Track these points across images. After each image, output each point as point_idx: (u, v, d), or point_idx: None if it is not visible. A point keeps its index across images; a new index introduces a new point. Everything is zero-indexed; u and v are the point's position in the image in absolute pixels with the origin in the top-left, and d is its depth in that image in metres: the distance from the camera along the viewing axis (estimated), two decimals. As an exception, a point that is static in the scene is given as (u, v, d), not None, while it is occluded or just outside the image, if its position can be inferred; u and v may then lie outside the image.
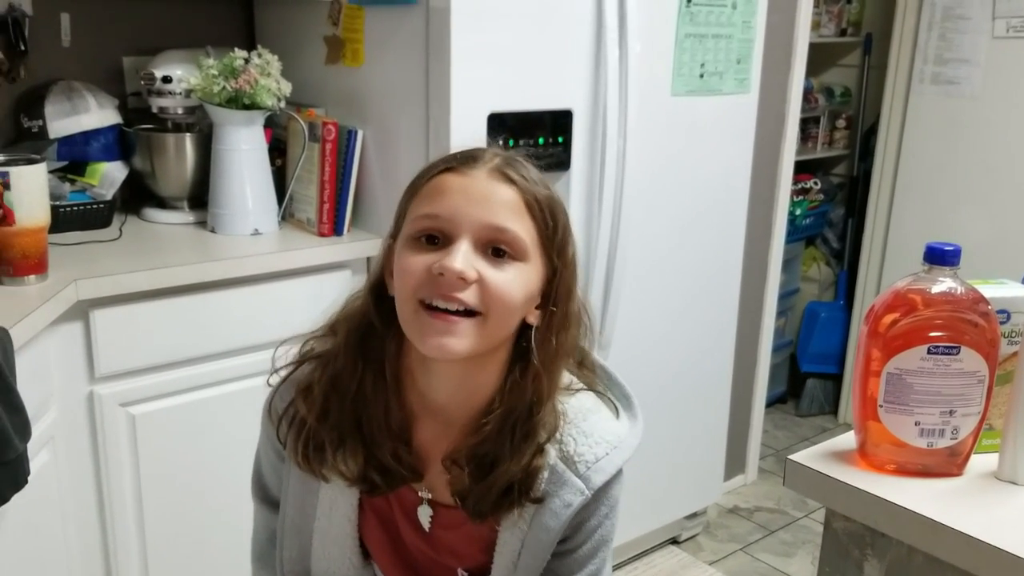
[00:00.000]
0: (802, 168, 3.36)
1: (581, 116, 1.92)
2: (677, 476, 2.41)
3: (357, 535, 1.06)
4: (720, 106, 2.19)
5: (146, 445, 1.69)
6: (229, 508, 1.76)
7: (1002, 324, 0.97)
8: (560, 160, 1.91)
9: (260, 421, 1.09)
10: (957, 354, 0.93)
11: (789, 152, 2.75)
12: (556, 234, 0.95)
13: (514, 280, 0.91)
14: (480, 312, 0.90)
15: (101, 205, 1.91)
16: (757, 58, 2.23)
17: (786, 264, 3.05)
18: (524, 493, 0.97)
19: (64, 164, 1.93)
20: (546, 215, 0.94)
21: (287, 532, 1.07)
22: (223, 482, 1.77)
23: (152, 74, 1.95)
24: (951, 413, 0.95)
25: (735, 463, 2.88)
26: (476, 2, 1.71)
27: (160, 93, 1.97)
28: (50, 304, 1.47)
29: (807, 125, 3.43)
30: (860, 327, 0.99)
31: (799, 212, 3.38)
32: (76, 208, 1.87)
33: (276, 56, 1.88)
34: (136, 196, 2.05)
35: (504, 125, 1.80)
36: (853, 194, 3.58)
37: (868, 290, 3.33)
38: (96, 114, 1.95)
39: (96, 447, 1.64)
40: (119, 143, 2.00)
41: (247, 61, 1.84)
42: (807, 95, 3.26)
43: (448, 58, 1.70)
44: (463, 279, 0.88)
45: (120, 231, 1.89)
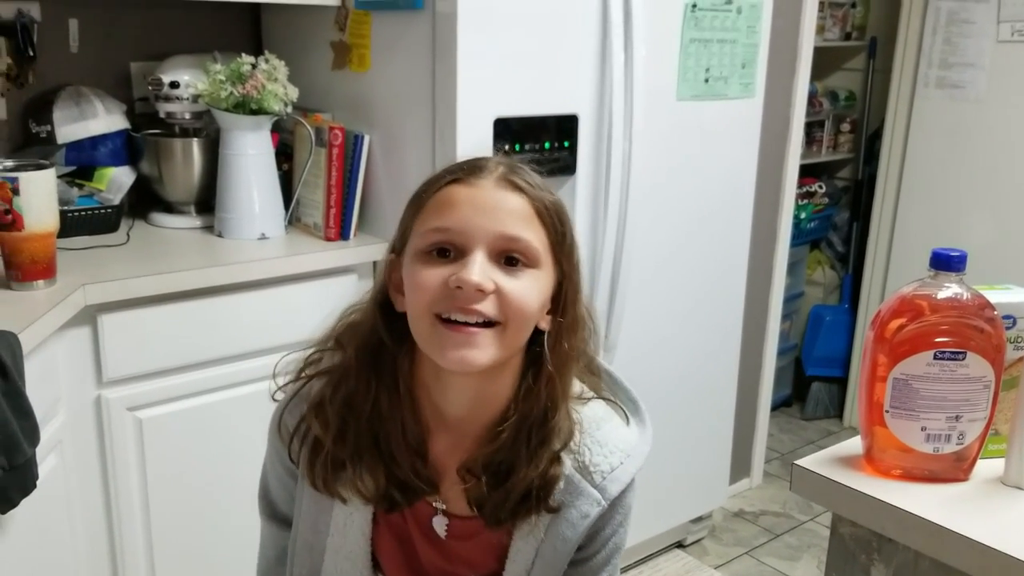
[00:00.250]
0: (807, 172, 3.36)
1: (587, 121, 1.93)
2: (682, 480, 2.41)
3: (370, 550, 1.05)
4: (725, 110, 2.20)
5: (153, 449, 1.69)
6: (236, 512, 1.77)
7: (1008, 329, 0.97)
8: (566, 165, 1.91)
9: (268, 437, 1.08)
10: (963, 359, 0.94)
11: (794, 156, 2.75)
12: (565, 239, 0.96)
13: (530, 288, 0.91)
14: (499, 322, 0.90)
15: (109, 210, 1.92)
16: (762, 63, 2.23)
17: (791, 268, 3.05)
18: (542, 501, 0.97)
19: (72, 169, 1.94)
20: (555, 221, 0.94)
21: (299, 551, 1.07)
22: (230, 486, 1.77)
23: (159, 79, 1.96)
24: (957, 418, 0.96)
25: (740, 467, 2.88)
26: (482, 7, 1.71)
27: (167, 98, 1.98)
28: (58, 309, 1.47)
29: (812, 129, 3.42)
30: (866, 332, 0.99)
31: (804, 216, 3.38)
32: (84, 213, 1.87)
33: (283, 61, 1.88)
34: (143, 201, 2.06)
35: (510, 130, 1.80)
36: (858, 198, 3.58)
37: (873, 294, 3.33)
38: (104, 119, 1.96)
39: (104, 451, 1.65)
40: (127, 148, 2.01)
41: (254, 66, 1.84)
42: (812, 99, 3.26)
43: (454, 63, 1.71)
44: (481, 291, 0.88)
45: (128, 236, 1.90)
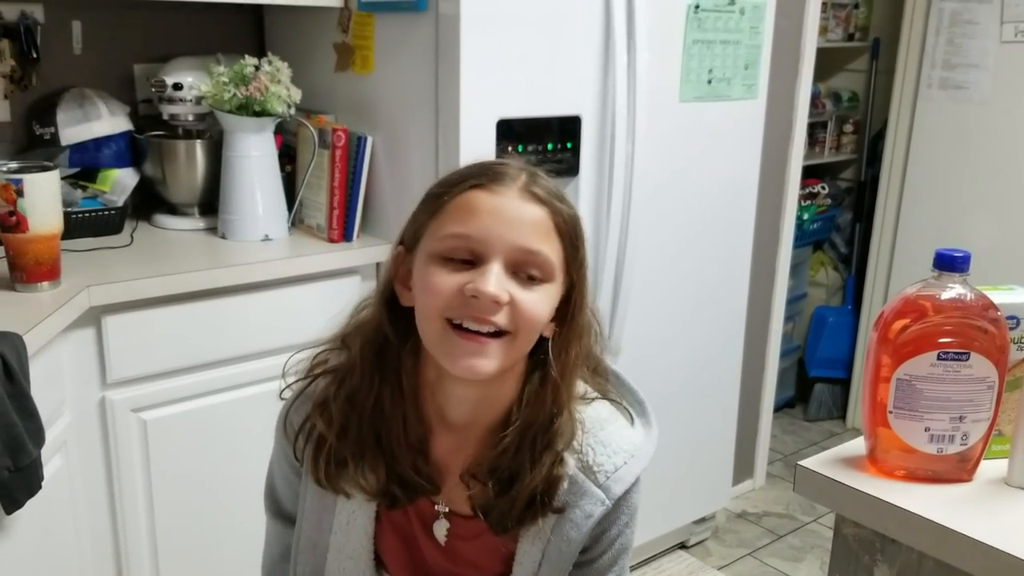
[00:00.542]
0: (810, 173, 3.36)
1: (590, 122, 1.93)
2: (685, 481, 2.41)
3: (373, 548, 1.06)
4: (728, 112, 2.20)
5: (157, 450, 1.70)
6: (240, 512, 1.77)
7: (1011, 330, 0.97)
8: (569, 166, 1.91)
9: (274, 436, 1.08)
10: (967, 360, 0.94)
11: (797, 157, 2.75)
12: (578, 252, 0.96)
13: (542, 300, 0.92)
14: (509, 332, 0.91)
15: (112, 212, 1.92)
16: (765, 64, 2.23)
17: (794, 269, 3.05)
18: (546, 504, 0.97)
19: (76, 171, 1.95)
20: (572, 235, 0.95)
21: (302, 549, 1.07)
22: (234, 487, 1.78)
23: (163, 81, 1.97)
24: (961, 419, 0.96)
25: (743, 468, 2.88)
26: (485, 9, 1.72)
27: (171, 100, 1.98)
28: (63, 310, 1.48)
29: (815, 130, 3.42)
30: (869, 333, 0.99)
31: (807, 217, 3.38)
32: (88, 215, 1.88)
33: (286, 63, 1.89)
34: (147, 202, 2.06)
35: (513, 131, 1.80)
36: (861, 199, 3.57)
37: (876, 295, 3.33)
38: (107, 121, 1.96)
39: (108, 452, 1.65)
40: (130, 150, 2.01)
41: (257, 68, 1.85)
42: (815, 100, 3.25)
43: (457, 64, 1.71)
44: (497, 302, 0.89)
45: (131, 237, 1.90)
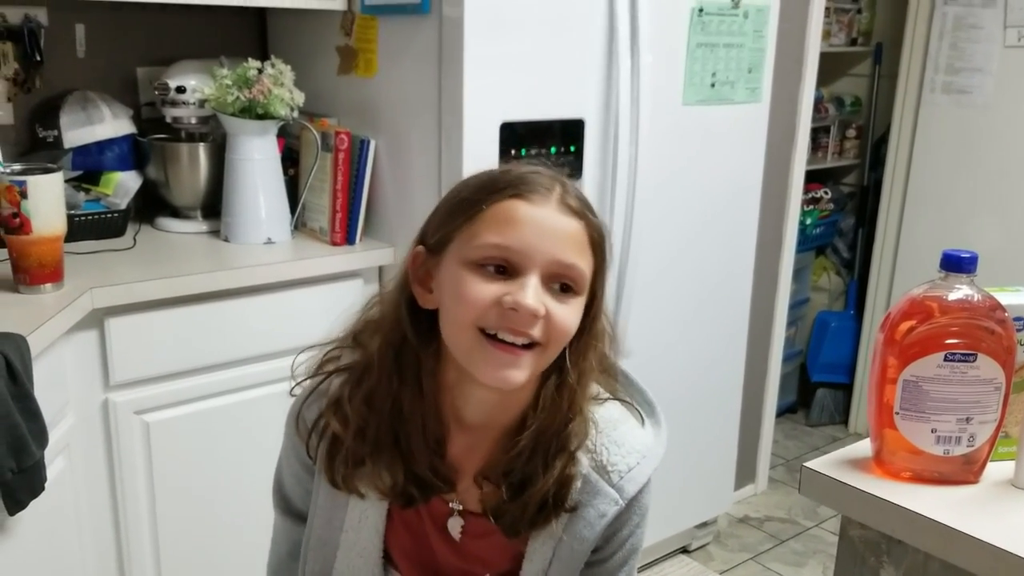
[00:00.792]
0: (812, 178, 3.36)
1: (593, 125, 1.93)
2: (688, 485, 2.41)
3: (382, 547, 1.06)
4: (731, 115, 2.20)
5: (160, 452, 1.69)
6: (242, 515, 1.77)
7: (1019, 331, 0.96)
8: (572, 169, 1.91)
9: (284, 432, 1.08)
10: (974, 361, 0.93)
11: (800, 162, 2.75)
12: (605, 264, 0.97)
13: (574, 312, 0.93)
14: (540, 343, 0.92)
15: (115, 214, 1.92)
16: (768, 67, 2.24)
17: (796, 274, 3.05)
18: (559, 504, 0.98)
19: (79, 173, 1.95)
20: (604, 249, 0.96)
21: (312, 546, 1.07)
22: (236, 490, 1.77)
23: (166, 84, 1.97)
24: (967, 420, 0.95)
25: (745, 472, 2.87)
26: (489, 12, 1.72)
27: (174, 103, 1.98)
28: (66, 312, 1.48)
29: (817, 135, 3.43)
30: (875, 335, 0.99)
31: (809, 222, 3.38)
32: (91, 217, 1.88)
33: (289, 66, 1.89)
34: (150, 205, 2.06)
35: (516, 134, 1.80)
36: (863, 204, 3.57)
37: (878, 300, 3.33)
38: (110, 124, 1.97)
39: (111, 454, 1.65)
40: (133, 153, 2.01)
41: (260, 71, 1.85)
42: (818, 105, 3.26)
43: (461, 68, 1.71)
44: (535, 316, 0.89)
45: (134, 240, 1.90)
